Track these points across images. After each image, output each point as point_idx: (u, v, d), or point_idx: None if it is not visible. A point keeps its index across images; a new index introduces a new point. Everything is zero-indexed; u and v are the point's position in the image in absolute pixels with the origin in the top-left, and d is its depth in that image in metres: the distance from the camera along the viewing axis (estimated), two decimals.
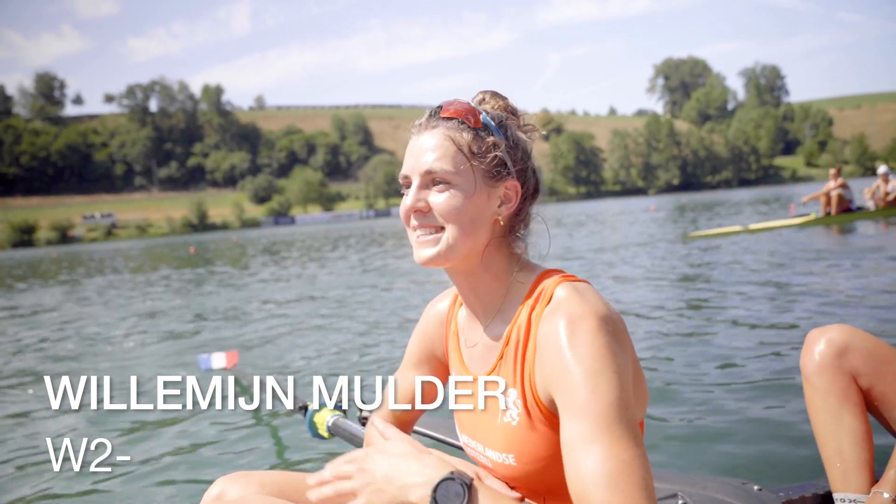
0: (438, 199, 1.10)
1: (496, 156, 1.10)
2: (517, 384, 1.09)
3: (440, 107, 1.14)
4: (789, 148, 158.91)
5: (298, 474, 1.27)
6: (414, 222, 1.12)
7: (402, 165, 1.14)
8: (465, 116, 1.11)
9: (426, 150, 1.10)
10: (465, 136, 1.10)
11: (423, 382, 1.30)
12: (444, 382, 1.34)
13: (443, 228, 1.10)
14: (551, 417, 1.05)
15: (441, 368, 1.36)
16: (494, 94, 1.19)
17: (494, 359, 1.16)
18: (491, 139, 1.11)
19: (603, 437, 0.92)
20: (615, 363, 0.97)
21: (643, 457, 0.93)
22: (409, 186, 1.13)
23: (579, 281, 1.11)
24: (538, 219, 1.21)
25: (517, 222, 1.17)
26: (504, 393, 1.11)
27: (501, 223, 1.13)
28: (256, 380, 3.14)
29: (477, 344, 1.20)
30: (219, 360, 4.00)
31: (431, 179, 1.10)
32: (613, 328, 1.00)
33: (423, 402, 1.32)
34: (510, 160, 1.12)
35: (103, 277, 17.33)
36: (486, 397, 1.13)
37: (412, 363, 1.38)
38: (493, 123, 1.12)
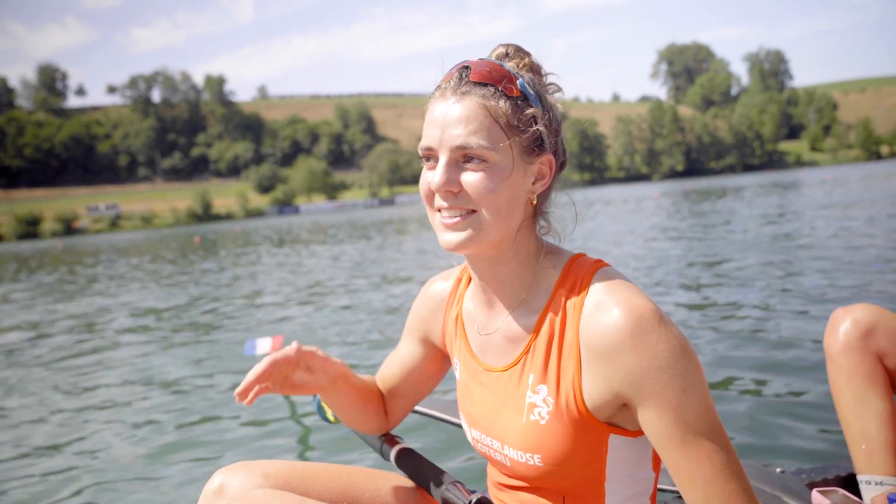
0: (473, 178, 0.97)
1: (537, 129, 0.99)
2: (549, 380, 1.02)
3: (468, 67, 1.00)
4: (794, 133, 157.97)
5: (305, 464, 1.20)
6: (441, 202, 1.00)
7: (424, 135, 1.01)
8: (504, 84, 0.98)
9: (457, 122, 0.96)
10: (503, 107, 0.97)
11: (421, 366, 1.30)
12: (437, 367, 1.31)
13: (474, 211, 0.99)
14: (586, 417, 0.99)
15: (433, 353, 1.30)
16: (518, 50, 1.06)
17: (518, 351, 1.07)
18: (531, 110, 0.99)
19: (702, 434, 0.91)
20: (691, 351, 0.94)
21: (734, 450, 0.94)
22: (431, 160, 1.01)
23: (608, 266, 1.04)
24: (558, 198, 1.11)
25: (545, 199, 1.08)
26: (532, 390, 1.04)
27: (534, 202, 1.04)
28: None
29: (494, 333, 1.11)
30: (264, 344, 4.01)
31: (463, 155, 0.97)
32: (667, 317, 0.95)
33: (416, 385, 1.30)
34: (548, 132, 1.01)
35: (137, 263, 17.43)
36: (509, 393, 1.07)
37: (408, 340, 1.32)
38: (531, 92, 1.00)
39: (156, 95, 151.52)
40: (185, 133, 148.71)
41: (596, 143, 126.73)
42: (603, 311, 0.96)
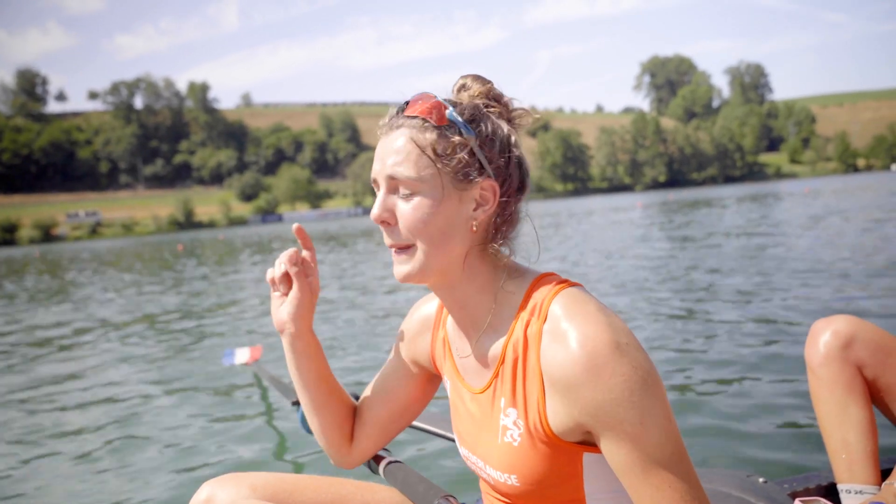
0: (404, 208, 1.00)
1: (462, 157, 0.99)
2: (517, 405, 1.03)
3: (406, 103, 1.04)
4: (773, 145, 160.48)
5: (293, 476, 1.19)
6: (386, 238, 1.04)
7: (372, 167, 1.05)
8: (429, 114, 1.00)
9: (390, 153, 1.00)
10: (429, 137, 0.99)
11: (405, 387, 1.27)
12: (421, 391, 1.30)
13: (412, 245, 1.01)
14: (555, 440, 1.00)
15: (419, 374, 1.28)
16: (477, 79, 1.07)
17: (489, 376, 1.08)
18: (457, 138, 0.99)
19: (663, 463, 0.92)
20: (650, 380, 0.93)
21: (696, 478, 0.94)
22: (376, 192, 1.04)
23: (573, 286, 1.03)
24: (526, 218, 1.09)
25: (501, 224, 1.06)
26: (504, 413, 1.05)
27: (475, 229, 1.03)
28: (267, 374, 3.02)
29: (468, 356, 1.12)
30: (243, 354, 3.94)
31: (395, 186, 1.01)
32: (627, 339, 0.94)
33: (395, 412, 1.28)
34: (484, 157, 1.01)
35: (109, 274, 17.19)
36: (486, 415, 1.09)
37: (395, 359, 1.30)
38: (460, 119, 1.00)
39: (138, 102, 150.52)
40: (167, 140, 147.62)
41: (579, 153, 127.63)
42: (560, 341, 0.96)
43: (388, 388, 1.28)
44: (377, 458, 1.35)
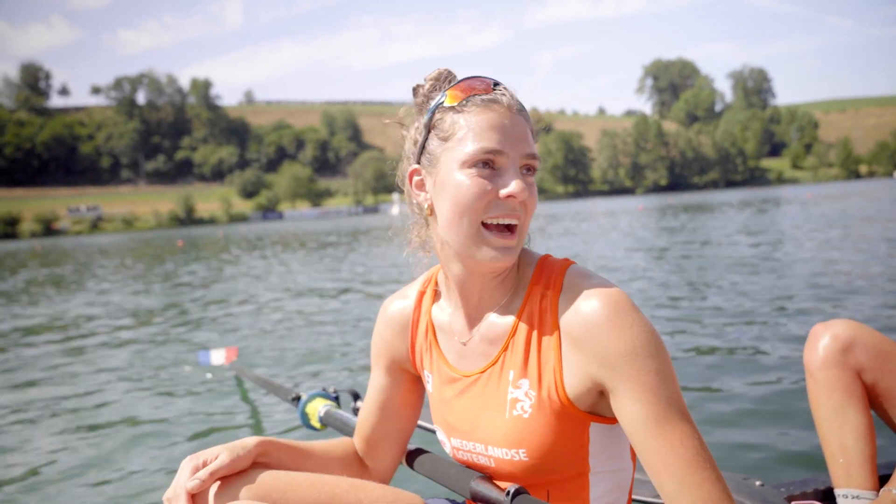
0: (532, 190, 1.03)
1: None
2: (530, 374, 1.05)
3: (496, 83, 1.06)
4: (775, 150, 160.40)
5: (287, 474, 1.18)
6: (506, 218, 1.02)
7: (485, 138, 1.00)
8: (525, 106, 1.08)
9: (525, 134, 1.03)
10: (532, 125, 1.08)
11: (397, 396, 1.28)
12: (413, 394, 1.30)
13: (517, 225, 1.03)
14: (568, 406, 1.02)
15: (405, 378, 1.29)
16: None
17: (496, 351, 1.10)
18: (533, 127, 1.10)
19: (676, 417, 0.94)
20: (662, 343, 0.97)
21: (703, 440, 0.96)
22: (487, 168, 1.01)
23: (576, 263, 1.09)
24: None
25: None
26: (514, 385, 1.06)
27: None
28: (253, 375, 3.01)
29: (472, 339, 1.13)
30: (218, 356, 3.95)
31: (527, 166, 1.03)
32: (637, 307, 1.00)
33: (397, 421, 1.28)
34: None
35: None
36: (490, 393, 1.10)
37: (377, 371, 1.30)
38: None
39: (141, 97, 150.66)
40: (169, 136, 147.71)
41: (581, 155, 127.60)
42: (580, 301, 1.00)
43: (381, 403, 1.29)
44: None
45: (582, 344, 0.98)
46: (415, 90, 1.13)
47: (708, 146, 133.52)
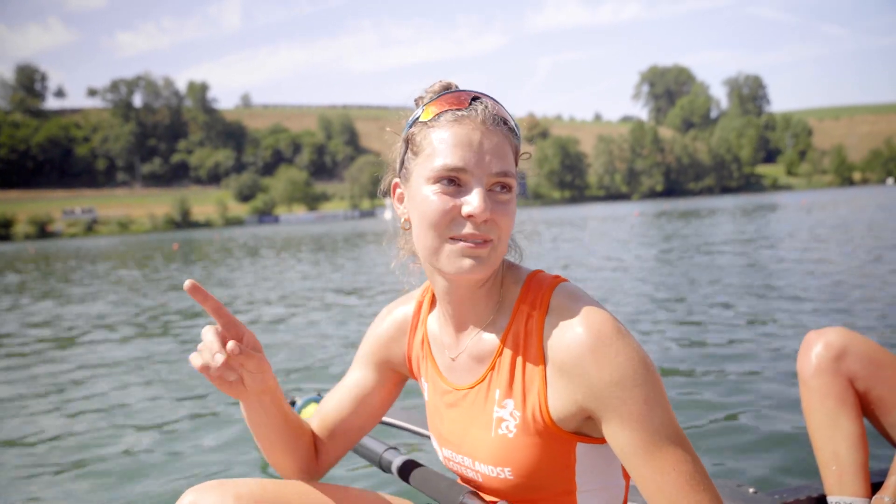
0: (504, 208, 1.00)
1: (521, 158, 1.08)
2: (515, 395, 1.04)
3: (475, 97, 1.03)
4: (770, 157, 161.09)
5: (278, 482, 1.17)
6: (468, 230, 0.98)
7: (449, 155, 0.98)
8: (509, 120, 1.05)
9: (494, 150, 0.99)
10: (514, 141, 1.05)
11: (373, 393, 1.27)
12: (388, 394, 1.30)
13: (491, 240, 1.00)
14: (552, 428, 1.01)
15: (388, 378, 1.29)
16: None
17: (483, 369, 1.09)
18: (516, 143, 1.07)
19: (667, 444, 0.93)
20: (649, 363, 0.96)
21: (700, 461, 0.95)
22: (452, 184, 0.99)
23: (565, 281, 1.07)
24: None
25: None
26: (499, 405, 1.06)
27: None
28: None
29: (459, 354, 1.13)
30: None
31: (498, 183, 1.00)
32: (624, 327, 0.98)
33: (363, 417, 1.27)
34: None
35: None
36: (477, 410, 1.09)
37: (362, 367, 1.30)
38: (517, 130, 1.07)
39: (137, 100, 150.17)
40: (165, 139, 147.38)
41: (577, 161, 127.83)
42: (564, 327, 0.98)
43: (356, 398, 1.28)
44: (387, 458, 1.32)
45: (567, 373, 0.97)
46: (416, 102, 1.11)
47: (703, 152, 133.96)
